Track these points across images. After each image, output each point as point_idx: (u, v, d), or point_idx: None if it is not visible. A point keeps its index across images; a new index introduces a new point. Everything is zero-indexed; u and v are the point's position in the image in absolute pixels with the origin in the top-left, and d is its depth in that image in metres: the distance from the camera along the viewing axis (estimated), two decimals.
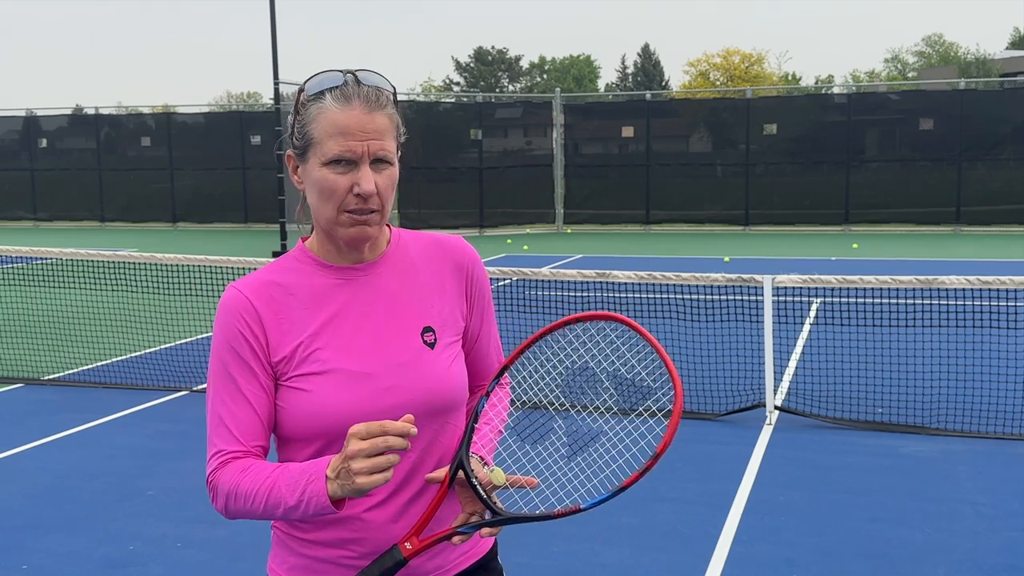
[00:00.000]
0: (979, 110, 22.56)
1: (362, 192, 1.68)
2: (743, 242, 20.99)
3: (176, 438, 6.58)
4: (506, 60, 66.82)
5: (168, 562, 4.51)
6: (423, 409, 1.73)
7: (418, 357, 1.77)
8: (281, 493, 1.62)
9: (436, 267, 1.87)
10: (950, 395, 6.88)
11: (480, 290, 1.91)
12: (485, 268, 1.95)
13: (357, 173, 1.68)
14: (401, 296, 1.81)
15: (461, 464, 1.70)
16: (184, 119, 28.96)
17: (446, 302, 1.85)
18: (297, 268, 1.81)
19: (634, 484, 1.60)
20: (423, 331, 1.80)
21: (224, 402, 1.73)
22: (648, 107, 25.80)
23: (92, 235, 24.84)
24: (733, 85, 52.66)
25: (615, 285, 10.85)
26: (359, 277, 1.80)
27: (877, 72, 69.77)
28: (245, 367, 1.73)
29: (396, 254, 1.85)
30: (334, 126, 1.67)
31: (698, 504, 5.11)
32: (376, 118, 1.69)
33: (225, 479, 1.69)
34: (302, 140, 1.72)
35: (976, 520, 4.88)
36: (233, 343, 1.73)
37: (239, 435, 1.72)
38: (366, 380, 1.73)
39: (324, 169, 1.69)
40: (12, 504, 5.33)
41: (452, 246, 1.90)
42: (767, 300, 6.77)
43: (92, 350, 9.27)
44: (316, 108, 1.70)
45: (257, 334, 1.74)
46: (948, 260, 16.33)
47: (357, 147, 1.67)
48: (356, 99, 1.68)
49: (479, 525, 1.66)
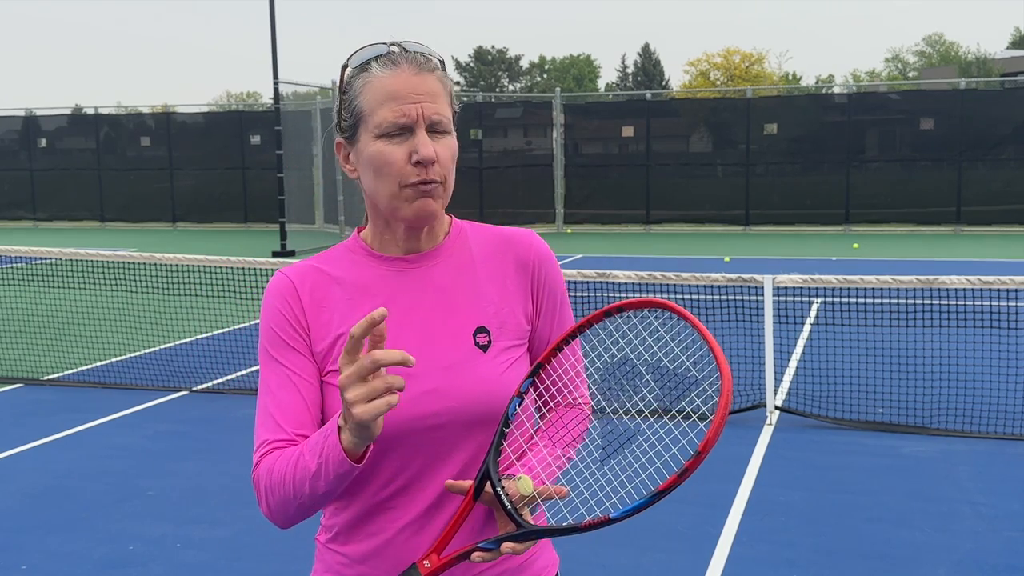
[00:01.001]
0: (979, 110, 22.55)
1: (422, 158, 1.53)
2: (743, 242, 20.99)
3: (176, 438, 6.57)
4: (506, 60, 66.85)
5: (168, 562, 4.50)
6: (468, 418, 1.58)
7: (468, 360, 1.61)
8: (305, 461, 1.47)
9: (498, 263, 1.70)
10: (951, 395, 6.88)
11: (549, 289, 1.73)
12: (557, 265, 1.76)
13: (414, 140, 1.54)
14: (455, 292, 1.66)
15: (487, 475, 1.53)
16: (184, 119, 28.94)
17: (507, 302, 1.68)
18: (347, 257, 1.68)
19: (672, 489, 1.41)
20: (476, 332, 1.63)
21: (270, 390, 1.61)
22: (648, 107, 25.79)
23: (92, 235, 24.83)
24: (733, 85, 52.65)
25: (615, 285, 10.83)
26: (411, 269, 1.66)
27: (877, 72, 69.78)
28: (289, 349, 1.61)
29: (454, 245, 1.70)
30: (383, 92, 1.54)
31: (698, 504, 5.10)
32: (427, 80, 1.56)
33: (262, 470, 1.55)
34: (351, 117, 1.59)
35: (976, 520, 4.87)
36: (276, 326, 1.62)
37: (283, 422, 1.57)
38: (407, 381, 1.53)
39: (378, 142, 1.55)
40: (11, 504, 5.33)
41: (518, 240, 1.73)
42: (767, 300, 6.77)
43: (92, 350, 9.26)
44: (362, 80, 1.57)
45: (299, 318, 1.62)
46: (948, 260, 16.33)
47: (411, 109, 1.54)
48: (404, 62, 1.56)
49: (500, 539, 1.49)
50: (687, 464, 1.40)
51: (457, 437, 1.60)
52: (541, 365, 1.62)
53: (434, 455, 1.59)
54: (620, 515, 1.44)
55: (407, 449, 1.58)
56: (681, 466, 1.40)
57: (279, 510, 1.55)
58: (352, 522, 1.64)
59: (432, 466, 1.60)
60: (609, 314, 1.59)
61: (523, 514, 1.51)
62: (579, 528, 1.46)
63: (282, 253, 18.63)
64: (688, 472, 1.39)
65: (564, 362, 1.67)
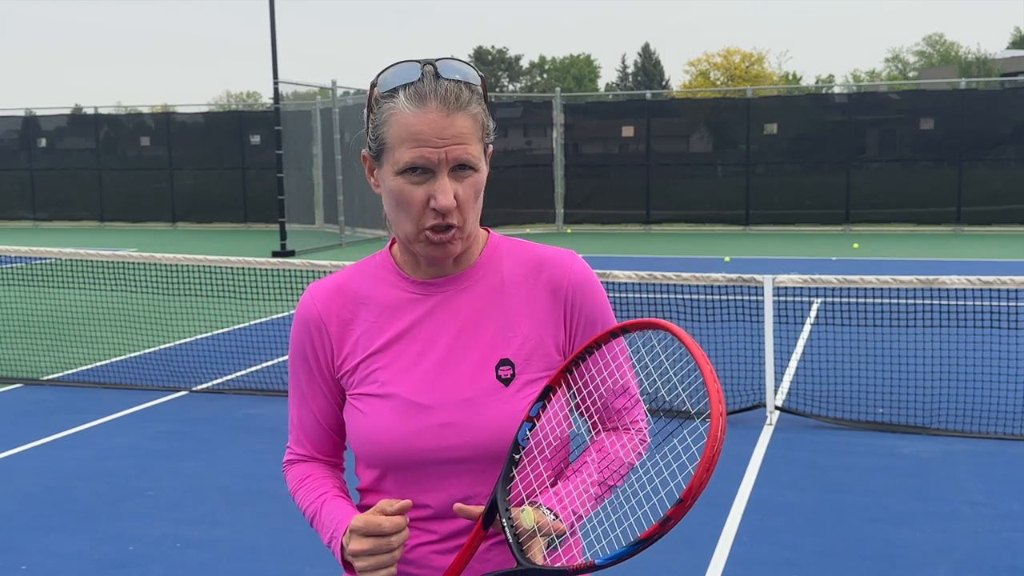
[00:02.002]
0: (980, 110, 22.54)
1: (438, 207, 1.48)
2: (743, 242, 20.98)
3: (175, 438, 6.57)
4: (506, 60, 66.84)
5: (168, 562, 4.50)
6: (485, 454, 1.54)
7: (488, 394, 1.55)
8: (319, 527, 1.63)
9: (530, 287, 1.61)
10: (951, 395, 6.88)
11: (586, 318, 1.62)
12: (599, 289, 1.65)
13: (434, 184, 1.48)
14: (481, 319, 1.59)
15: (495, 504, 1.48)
16: (183, 119, 28.93)
17: (536, 331, 1.59)
18: (376, 275, 1.65)
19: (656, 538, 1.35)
20: (499, 364, 1.56)
21: (295, 403, 1.73)
22: (648, 107, 25.79)
23: (91, 235, 24.82)
24: (733, 85, 52.65)
25: (615, 285, 10.83)
26: (436, 293, 1.60)
27: (878, 72, 69.79)
28: (310, 375, 1.67)
29: (486, 268, 1.62)
30: (406, 131, 1.47)
31: (698, 504, 5.05)
32: (456, 121, 1.47)
33: (290, 479, 1.74)
34: (376, 143, 1.54)
35: (976, 520, 4.87)
36: (300, 352, 1.68)
37: (304, 439, 1.72)
38: (421, 412, 1.55)
39: (398, 179, 1.50)
40: (11, 504, 5.32)
41: (553, 263, 1.63)
42: (767, 300, 6.77)
43: (92, 350, 9.26)
44: (388, 109, 1.50)
45: (325, 345, 1.64)
46: (948, 260, 16.32)
47: (433, 155, 1.47)
48: (432, 99, 1.47)
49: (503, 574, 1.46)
50: (670, 512, 1.33)
51: (476, 472, 1.56)
52: (551, 388, 1.54)
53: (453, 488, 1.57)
54: (603, 562, 1.40)
55: (429, 480, 1.57)
56: (664, 514, 1.34)
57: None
58: None
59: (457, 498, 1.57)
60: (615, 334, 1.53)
61: (527, 548, 1.45)
62: (567, 571, 1.42)
63: (282, 253, 18.62)
64: (671, 521, 1.33)
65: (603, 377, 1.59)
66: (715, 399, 1.31)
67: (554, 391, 1.54)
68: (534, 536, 1.45)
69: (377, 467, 1.61)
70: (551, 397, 1.54)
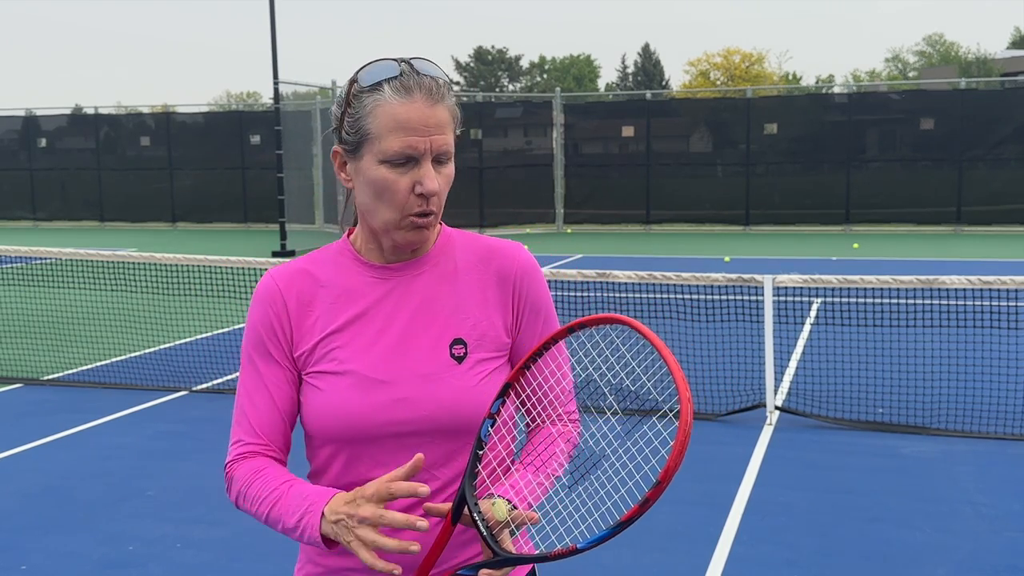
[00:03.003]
0: (980, 110, 22.54)
1: (425, 191, 1.57)
2: (743, 242, 20.98)
3: (176, 438, 6.57)
4: (506, 60, 66.85)
5: (167, 562, 4.50)
6: (438, 427, 1.63)
7: (442, 370, 1.64)
8: (282, 511, 1.58)
9: (481, 274, 1.72)
10: (951, 395, 6.88)
11: (531, 304, 1.74)
12: (542, 279, 1.77)
13: (419, 171, 1.58)
14: (436, 302, 1.69)
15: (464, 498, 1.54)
16: (183, 119, 28.94)
17: (487, 314, 1.70)
18: (335, 261, 1.73)
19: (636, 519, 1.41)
20: (452, 343, 1.66)
21: (248, 391, 1.70)
22: (648, 107, 25.78)
23: (92, 235, 24.83)
24: (733, 85, 52.66)
25: (615, 285, 10.84)
26: (394, 277, 1.69)
27: (877, 72, 69.78)
28: (269, 357, 1.69)
29: (440, 256, 1.73)
30: (395, 120, 1.55)
31: (698, 504, 5.10)
32: (438, 111, 1.58)
33: (240, 475, 1.66)
34: (355, 135, 1.60)
35: (976, 520, 4.87)
36: (259, 331, 1.70)
37: (257, 427, 1.68)
38: (380, 387, 1.63)
39: (382, 167, 1.58)
40: (11, 504, 5.32)
41: (502, 252, 1.74)
42: (767, 300, 6.77)
43: (92, 350, 9.26)
44: (373, 101, 1.57)
45: (284, 323, 1.69)
46: (948, 260, 16.33)
47: (420, 143, 1.56)
48: (417, 91, 1.56)
49: (479, 566, 1.53)
50: (648, 494, 1.38)
51: (431, 444, 1.63)
52: (510, 385, 1.62)
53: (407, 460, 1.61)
54: (585, 546, 1.46)
55: (383, 454, 1.63)
56: (643, 495, 1.39)
57: (246, 512, 1.66)
58: None
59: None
60: (572, 330, 1.59)
61: (501, 539, 1.51)
62: (548, 557, 1.48)
63: (282, 253, 18.62)
64: (650, 502, 1.38)
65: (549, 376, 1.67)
66: (682, 386, 1.37)
67: (513, 387, 1.62)
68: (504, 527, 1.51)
69: (332, 443, 1.66)
70: (510, 393, 1.62)
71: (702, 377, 7.41)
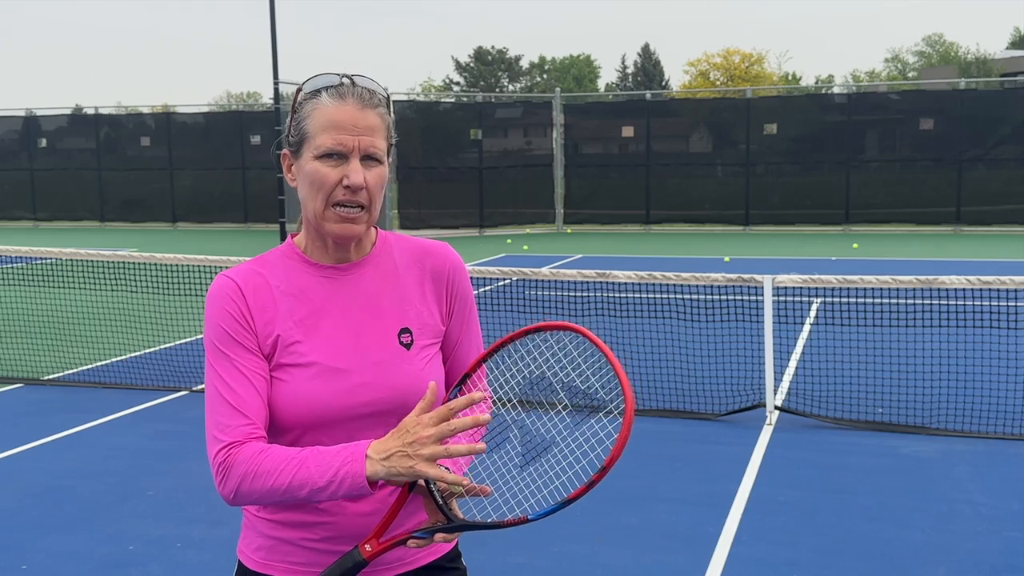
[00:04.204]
0: (979, 110, 22.54)
1: (351, 184, 1.74)
2: (743, 242, 20.99)
3: (176, 438, 6.57)
4: (506, 60, 66.80)
5: (168, 562, 4.51)
6: (393, 408, 1.79)
7: (394, 357, 1.83)
8: (310, 472, 1.66)
9: (417, 271, 1.92)
10: (950, 395, 6.88)
11: (460, 296, 1.96)
12: (467, 275, 2.00)
13: (347, 166, 1.75)
14: (381, 297, 1.87)
15: None
16: (184, 119, 28.95)
17: (425, 306, 1.90)
18: (282, 263, 1.86)
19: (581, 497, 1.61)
20: (400, 332, 1.86)
21: (225, 383, 1.76)
22: (648, 107, 25.79)
23: (92, 235, 24.83)
24: (733, 85, 52.66)
25: (615, 285, 10.84)
26: (341, 276, 1.86)
27: (877, 72, 69.79)
28: (240, 347, 1.78)
29: (380, 256, 1.90)
30: (327, 120, 1.75)
31: (698, 504, 5.10)
32: (368, 115, 1.76)
33: (242, 458, 1.71)
34: (297, 136, 1.80)
35: (976, 520, 4.87)
36: (226, 325, 1.78)
37: (245, 410, 1.75)
38: (341, 375, 1.78)
39: (316, 162, 1.76)
40: (12, 504, 5.33)
41: (435, 252, 1.95)
42: (767, 300, 6.77)
43: (92, 350, 9.27)
44: (311, 105, 1.78)
45: (247, 316, 1.79)
46: (948, 260, 16.33)
47: (348, 140, 1.74)
48: (350, 97, 1.76)
49: (434, 530, 1.69)
50: (594, 477, 1.60)
51: (385, 424, 1.77)
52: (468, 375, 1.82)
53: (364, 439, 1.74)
54: (536, 516, 1.65)
55: (342, 434, 1.78)
56: (589, 479, 1.60)
57: (251, 494, 1.70)
58: None
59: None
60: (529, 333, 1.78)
61: (451, 507, 1.71)
62: (501, 524, 1.66)
63: None
64: (595, 483, 1.59)
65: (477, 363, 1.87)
66: (626, 385, 1.61)
67: (469, 376, 1.82)
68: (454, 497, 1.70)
69: (295, 429, 1.79)
70: (466, 382, 1.83)
71: (702, 377, 7.41)
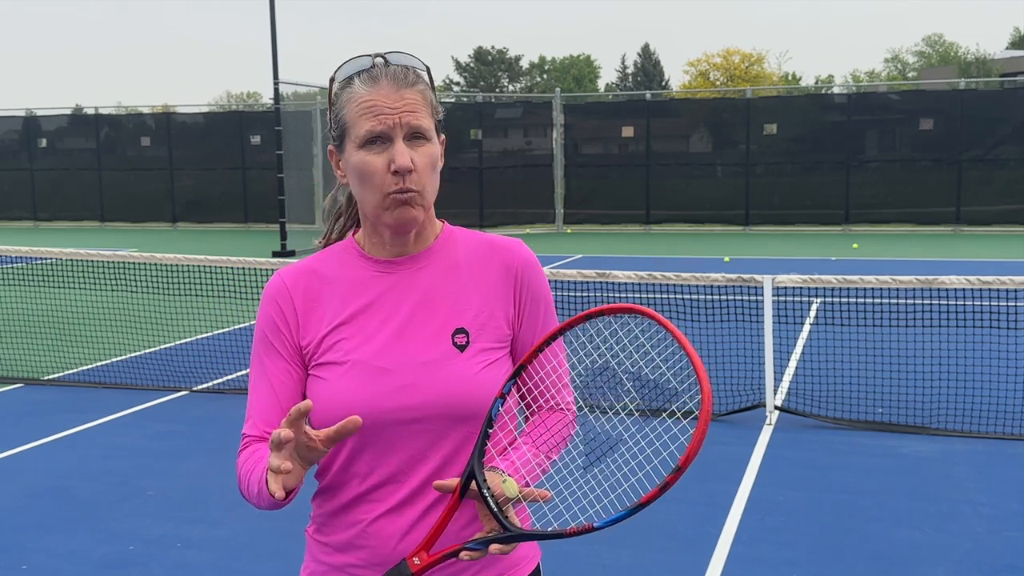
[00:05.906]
0: (979, 110, 22.55)
1: (398, 167, 1.62)
2: (743, 242, 20.99)
3: (176, 438, 6.57)
4: (506, 60, 66.78)
5: (168, 562, 4.51)
6: (441, 413, 1.66)
7: (444, 358, 1.68)
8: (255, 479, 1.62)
9: (483, 268, 1.77)
10: (950, 395, 6.88)
11: (532, 296, 1.78)
12: (542, 273, 1.82)
13: (392, 149, 1.63)
14: (437, 294, 1.73)
15: (472, 474, 1.56)
16: (184, 119, 28.94)
17: (488, 306, 1.74)
18: (340, 258, 1.78)
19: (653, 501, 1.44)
20: (455, 332, 1.70)
21: (254, 386, 1.75)
22: (648, 107, 25.79)
23: (92, 235, 24.83)
24: (733, 85, 52.65)
25: (615, 285, 10.84)
26: (398, 270, 1.74)
27: (877, 72, 69.77)
28: (274, 352, 1.73)
29: (442, 250, 1.77)
30: (363, 106, 1.64)
31: (698, 504, 5.10)
32: (405, 94, 1.64)
33: (238, 463, 1.71)
34: (338, 129, 1.69)
35: (976, 520, 4.87)
36: (266, 327, 1.75)
37: (258, 420, 1.73)
38: (382, 375, 1.66)
39: (360, 152, 1.65)
40: (12, 504, 5.33)
41: (503, 248, 1.80)
42: (767, 300, 6.77)
43: (92, 350, 9.27)
44: (347, 94, 1.67)
45: (288, 319, 1.73)
46: (948, 260, 16.33)
47: (388, 119, 1.62)
48: (384, 78, 1.65)
49: (488, 541, 1.52)
50: (668, 478, 1.43)
51: (433, 433, 1.66)
52: (523, 367, 1.67)
53: (411, 450, 1.67)
54: (603, 524, 1.48)
55: (385, 443, 1.67)
56: (662, 480, 1.43)
57: (247, 499, 1.68)
58: (333, 512, 1.75)
59: (409, 461, 1.68)
60: (590, 318, 1.62)
61: (508, 515, 1.54)
62: (564, 534, 1.49)
63: (282, 253, 18.62)
64: (668, 486, 1.42)
65: (546, 365, 1.72)
66: (703, 375, 1.44)
67: (525, 369, 1.68)
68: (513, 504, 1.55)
69: None
70: (523, 375, 1.69)
71: None
